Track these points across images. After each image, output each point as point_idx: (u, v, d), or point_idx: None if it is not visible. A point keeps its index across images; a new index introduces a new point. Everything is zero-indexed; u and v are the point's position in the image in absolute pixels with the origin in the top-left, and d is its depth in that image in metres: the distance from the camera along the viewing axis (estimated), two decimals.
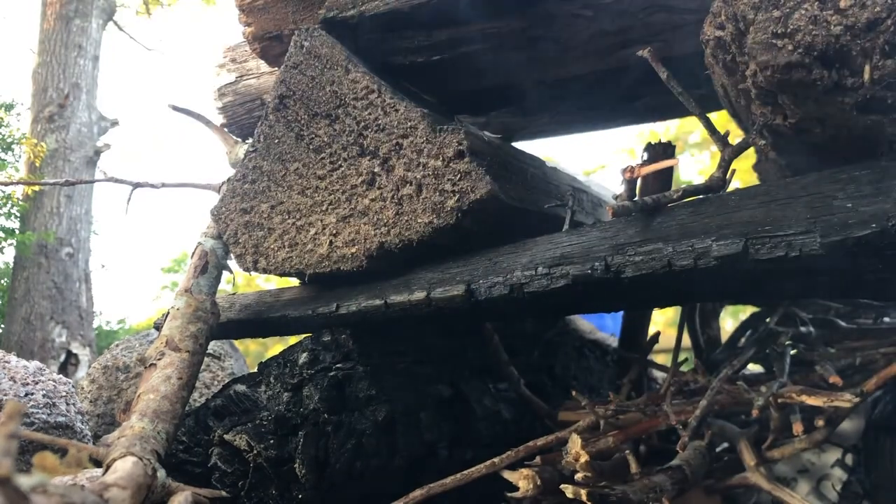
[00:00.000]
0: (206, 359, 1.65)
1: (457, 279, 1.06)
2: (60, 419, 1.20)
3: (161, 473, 0.83)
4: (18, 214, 5.33)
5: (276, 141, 1.20)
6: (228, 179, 1.27)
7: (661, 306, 1.28)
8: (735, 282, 0.93)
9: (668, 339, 1.58)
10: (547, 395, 1.41)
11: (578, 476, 0.88)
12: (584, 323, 1.81)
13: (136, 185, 1.43)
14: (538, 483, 0.91)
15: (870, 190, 0.78)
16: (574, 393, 1.13)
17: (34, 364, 1.28)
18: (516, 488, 0.92)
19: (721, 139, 0.95)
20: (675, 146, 1.26)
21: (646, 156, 1.26)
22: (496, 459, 0.98)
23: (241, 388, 1.10)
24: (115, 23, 6.74)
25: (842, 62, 0.73)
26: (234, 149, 1.51)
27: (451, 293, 1.05)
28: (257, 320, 1.30)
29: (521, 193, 1.15)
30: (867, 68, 0.72)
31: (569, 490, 0.84)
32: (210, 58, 1.70)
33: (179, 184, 1.49)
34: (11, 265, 5.37)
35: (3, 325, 5.16)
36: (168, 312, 1.14)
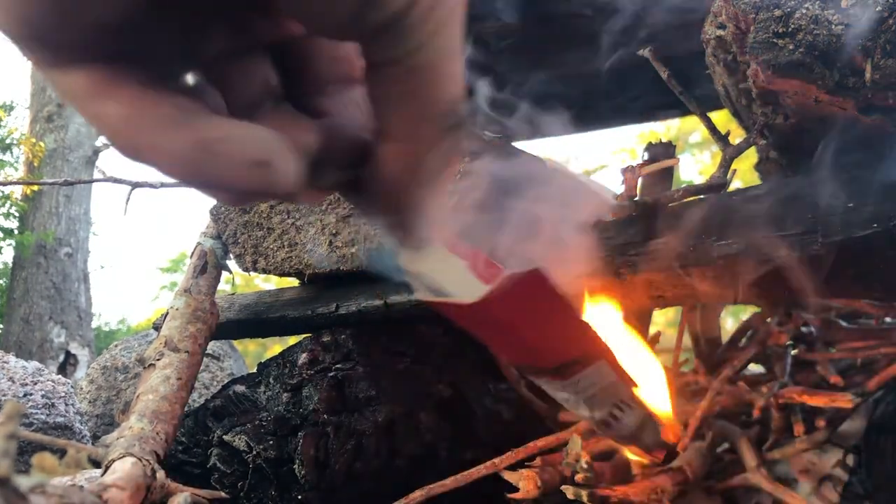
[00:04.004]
0: (205, 359, 1.65)
1: None
2: (59, 420, 1.20)
3: (160, 474, 0.83)
4: (17, 214, 5.33)
5: None
6: None
7: (662, 306, 1.28)
8: (735, 282, 0.93)
9: (668, 339, 1.58)
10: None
11: (579, 477, 0.88)
12: None
13: (135, 185, 1.42)
14: (539, 484, 0.90)
15: (871, 190, 0.78)
16: None
17: (33, 364, 1.27)
18: (517, 489, 0.92)
19: (722, 139, 0.94)
20: (675, 146, 1.25)
21: (646, 156, 1.26)
22: (496, 460, 0.97)
23: (240, 388, 1.10)
24: None
25: (843, 62, 0.73)
26: None
27: None
28: (257, 320, 1.30)
29: None
30: (868, 68, 0.72)
31: (569, 491, 0.84)
32: None
33: (179, 184, 1.49)
34: (10, 265, 5.37)
35: (1, 326, 5.15)
36: (167, 313, 1.14)
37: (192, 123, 0.26)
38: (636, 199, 1.01)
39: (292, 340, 1.25)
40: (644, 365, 0.64)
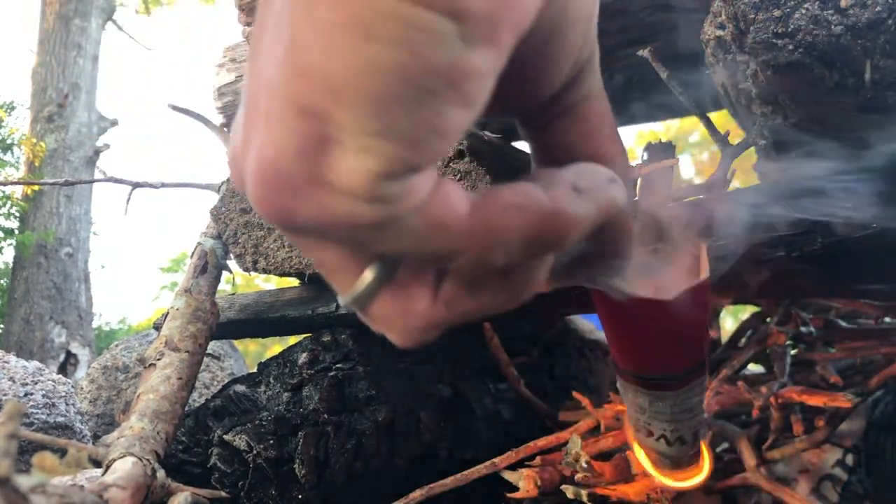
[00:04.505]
0: (205, 359, 1.65)
1: None
2: (60, 419, 1.20)
3: (160, 474, 0.83)
4: (18, 214, 5.33)
5: None
6: (228, 179, 1.27)
7: None
8: (735, 282, 0.93)
9: None
10: (547, 395, 1.41)
11: (579, 476, 0.88)
12: (585, 323, 1.80)
13: (136, 185, 1.42)
14: (538, 483, 0.90)
15: (870, 190, 0.78)
16: (574, 393, 1.12)
17: (33, 364, 1.27)
18: (516, 488, 0.92)
19: (721, 139, 0.94)
20: (675, 146, 1.25)
21: (646, 156, 1.26)
22: (496, 460, 0.97)
23: (240, 388, 1.10)
24: (115, 22, 6.74)
25: (843, 62, 0.73)
26: None
27: None
28: (257, 320, 1.30)
29: None
30: (868, 68, 0.72)
31: (569, 491, 0.84)
32: (210, 58, 1.70)
33: (179, 184, 1.49)
34: (11, 265, 5.37)
35: (2, 325, 5.15)
36: (167, 312, 1.14)
37: (550, 178, 0.27)
38: (636, 199, 1.01)
39: (292, 340, 1.25)
40: None
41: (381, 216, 0.22)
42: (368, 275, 0.27)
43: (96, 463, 0.87)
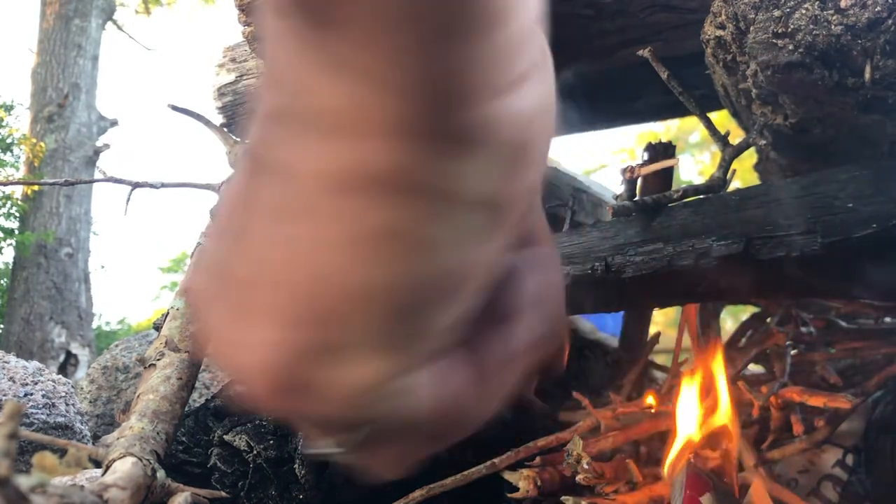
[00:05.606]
0: (205, 359, 1.65)
1: None
2: (60, 419, 1.20)
3: (161, 474, 0.83)
4: (18, 214, 5.33)
5: None
6: (228, 179, 1.27)
7: (662, 306, 1.28)
8: (735, 282, 0.93)
9: (668, 339, 1.58)
10: (547, 395, 1.41)
11: (580, 477, 0.88)
12: (585, 323, 1.80)
13: (136, 185, 1.42)
14: (538, 483, 0.90)
15: (870, 190, 0.78)
16: (575, 393, 1.12)
17: (33, 364, 1.27)
18: (517, 489, 0.92)
19: (721, 139, 0.94)
20: (675, 146, 1.25)
21: (646, 156, 1.26)
22: (496, 460, 0.97)
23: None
24: (115, 22, 6.74)
25: (843, 62, 0.73)
26: (233, 149, 1.51)
27: None
28: None
29: None
30: (868, 68, 0.72)
31: (569, 502, 0.84)
32: (209, 58, 1.69)
33: (179, 184, 1.49)
34: (11, 265, 5.36)
35: (2, 326, 5.15)
36: (167, 313, 1.14)
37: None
38: (636, 199, 1.02)
39: None
40: None
41: (390, 410, 0.22)
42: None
43: (96, 463, 0.87)
